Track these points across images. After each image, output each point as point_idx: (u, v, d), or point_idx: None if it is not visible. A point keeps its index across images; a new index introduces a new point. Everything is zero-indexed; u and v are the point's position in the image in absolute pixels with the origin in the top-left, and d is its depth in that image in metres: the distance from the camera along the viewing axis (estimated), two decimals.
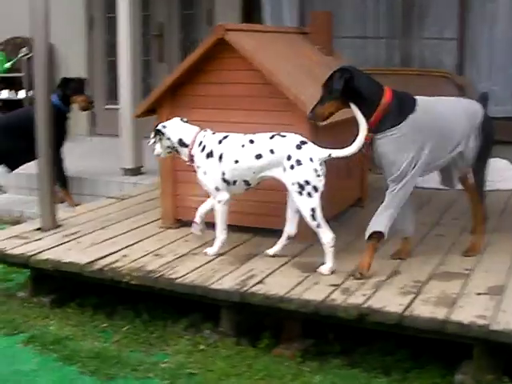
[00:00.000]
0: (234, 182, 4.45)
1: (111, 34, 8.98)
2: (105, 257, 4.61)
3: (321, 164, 4.26)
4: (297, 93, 4.59)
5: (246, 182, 4.47)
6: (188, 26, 9.39)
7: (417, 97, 4.27)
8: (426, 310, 3.77)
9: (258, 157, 4.34)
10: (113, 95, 9.51)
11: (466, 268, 4.42)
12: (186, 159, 4.56)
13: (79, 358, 4.03)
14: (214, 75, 4.84)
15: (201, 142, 4.49)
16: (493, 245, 4.90)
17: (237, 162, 4.39)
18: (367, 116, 4.10)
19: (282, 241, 4.55)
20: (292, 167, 4.25)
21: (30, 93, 9.63)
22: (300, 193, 4.25)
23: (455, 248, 4.83)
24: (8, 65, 10.23)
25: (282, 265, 4.47)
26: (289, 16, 8.74)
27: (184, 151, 4.54)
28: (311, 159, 4.24)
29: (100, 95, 9.61)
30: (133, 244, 4.89)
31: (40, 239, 5.01)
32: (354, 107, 4.11)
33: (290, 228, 4.48)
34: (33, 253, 4.70)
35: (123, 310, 4.65)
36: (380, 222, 4.22)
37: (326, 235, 4.29)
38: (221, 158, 4.41)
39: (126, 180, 7.11)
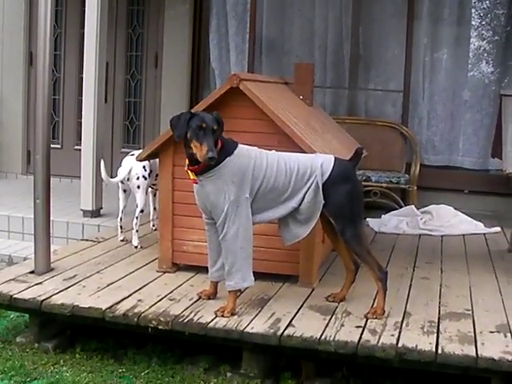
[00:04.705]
0: None
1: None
2: (120, 301, 4.61)
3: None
4: (309, 143, 4.78)
5: None
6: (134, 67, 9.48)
7: (240, 144, 4.39)
8: (454, 347, 4.02)
9: None
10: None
11: (466, 308, 4.75)
12: None
13: None
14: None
15: None
16: (476, 286, 5.28)
17: None
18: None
19: None
20: None
21: None
22: None
23: (445, 290, 5.17)
24: None
25: (299, 308, 4.63)
26: (236, 61, 8.98)
27: None
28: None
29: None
30: (140, 288, 4.91)
31: (41, 283, 4.94)
32: None
33: None
34: (44, 297, 4.64)
35: (133, 355, 4.65)
36: (233, 279, 4.43)
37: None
38: None
39: (87, 222, 7.08)
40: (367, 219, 7.35)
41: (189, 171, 4.35)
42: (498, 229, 7.41)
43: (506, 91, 6.24)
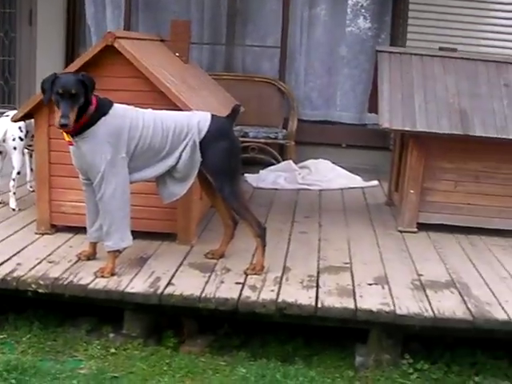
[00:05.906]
0: None
1: None
2: None
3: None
4: (185, 100, 4.76)
5: None
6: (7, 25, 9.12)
7: (117, 104, 4.34)
8: (333, 301, 4.13)
9: None
10: None
11: (345, 262, 4.87)
12: None
13: None
14: (98, 81, 4.84)
15: None
16: (354, 239, 5.43)
17: None
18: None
19: None
20: None
21: None
22: None
23: (324, 244, 5.29)
24: None
25: (179, 266, 4.64)
26: (112, 17, 8.81)
27: None
28: None
29: None
30: (19, 252, 4.78)
31: None
32: None
33: None
34: None
35: (14, 320, 4.54)
36: (111, 239, 4.43)
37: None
38: None
39: None
40: (245, 175, 7.40)
41: (64, 132, 4.26)
42: (375, 182, 7.60)
43: (381, 47, 6.36)
